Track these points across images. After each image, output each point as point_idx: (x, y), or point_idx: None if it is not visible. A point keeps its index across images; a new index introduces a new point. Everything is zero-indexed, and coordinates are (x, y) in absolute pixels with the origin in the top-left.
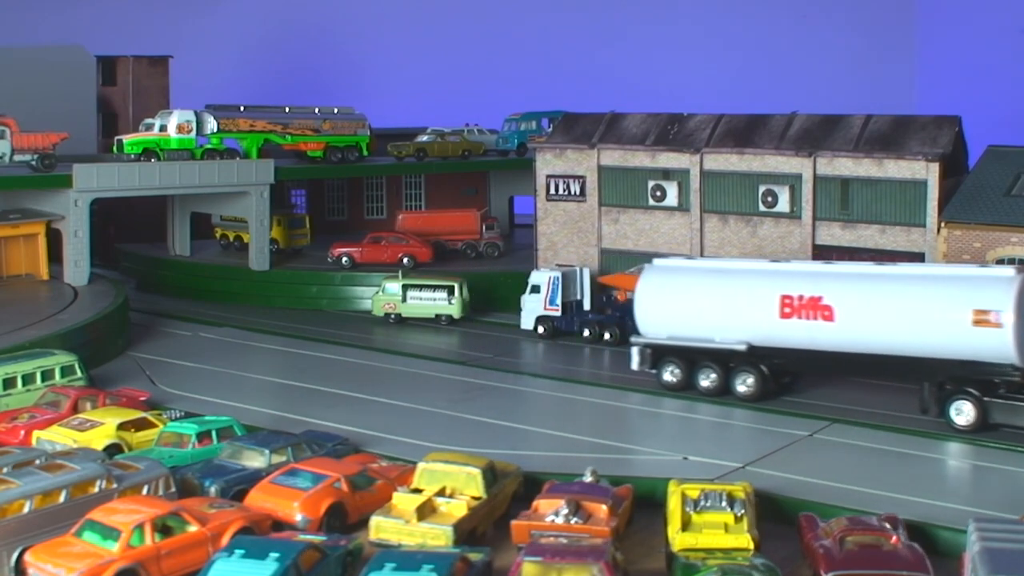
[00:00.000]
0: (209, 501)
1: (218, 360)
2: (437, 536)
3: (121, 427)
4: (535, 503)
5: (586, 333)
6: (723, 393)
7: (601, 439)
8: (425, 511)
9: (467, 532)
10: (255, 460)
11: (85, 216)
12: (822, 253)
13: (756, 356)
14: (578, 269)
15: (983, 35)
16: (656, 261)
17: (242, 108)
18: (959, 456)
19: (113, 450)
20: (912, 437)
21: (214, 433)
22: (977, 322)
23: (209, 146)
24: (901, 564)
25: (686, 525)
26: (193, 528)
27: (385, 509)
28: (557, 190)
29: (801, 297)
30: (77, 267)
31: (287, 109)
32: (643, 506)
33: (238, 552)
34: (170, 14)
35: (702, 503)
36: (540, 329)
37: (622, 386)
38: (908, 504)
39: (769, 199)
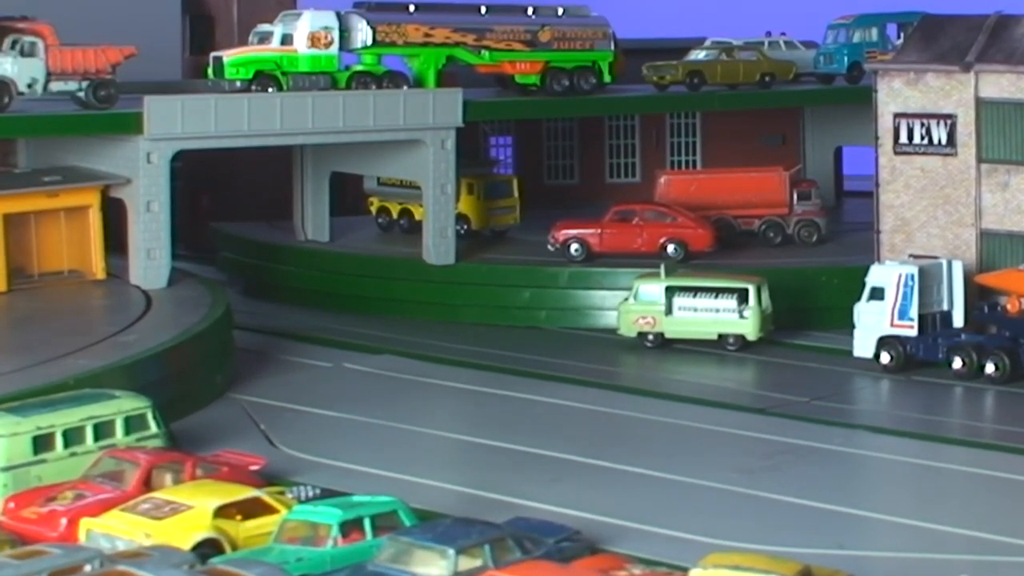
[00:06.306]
0: None
1: (373, 407)
2: None
3: (221, 512)
4: None
5: (957, 363)
6: None
7: (981, 531)
8: None
9: None
10: (432, 565)
11: (164, 179)
12: None
13: None
14: (944, 263)
15: None
16: None
17: (412, 8)
18: None
19: (208, 549)
20: None
21: (367, 522)
22: None
23: (360, 68)
24: None
25: None
26: None
27: None
28: (911, 138)
29: None
30: (151, 259)
31: (483, 10)
32: None
33: None
34: None
35: None
36: (885, 357)
37: (1013, 447)
38: None
39: None
